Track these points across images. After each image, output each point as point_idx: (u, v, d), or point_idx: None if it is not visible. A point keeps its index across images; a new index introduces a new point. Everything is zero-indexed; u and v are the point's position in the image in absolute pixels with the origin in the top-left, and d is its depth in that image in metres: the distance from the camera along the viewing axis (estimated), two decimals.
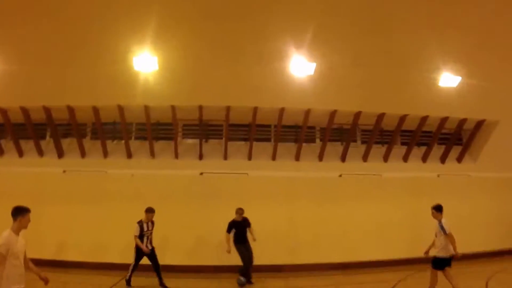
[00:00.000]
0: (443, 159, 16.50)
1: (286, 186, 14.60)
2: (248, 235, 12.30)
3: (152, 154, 14.61)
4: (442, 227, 9.50)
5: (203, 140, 14.83)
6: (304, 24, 11.00)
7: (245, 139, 14.95)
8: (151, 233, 11.47)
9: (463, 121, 15.82)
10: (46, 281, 6.14)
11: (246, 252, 12.04)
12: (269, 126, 14.97)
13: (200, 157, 14.70)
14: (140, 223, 11.35)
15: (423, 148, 16.24)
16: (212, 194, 14.12)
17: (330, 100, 13.77)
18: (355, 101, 13.94)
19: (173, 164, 14.61)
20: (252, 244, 12.27)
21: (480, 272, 13.23)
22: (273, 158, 14.84)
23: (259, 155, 14.88)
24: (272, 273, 13.32)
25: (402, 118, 14.93)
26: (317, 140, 15.57)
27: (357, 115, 14.49)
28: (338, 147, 15.44)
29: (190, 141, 15.14)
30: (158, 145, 14.83)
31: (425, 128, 15.64)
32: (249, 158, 14.75)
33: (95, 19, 10.49)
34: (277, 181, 14.57)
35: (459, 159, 16.80)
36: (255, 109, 13.86)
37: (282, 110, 13.94)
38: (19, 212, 5.76)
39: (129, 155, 14.63)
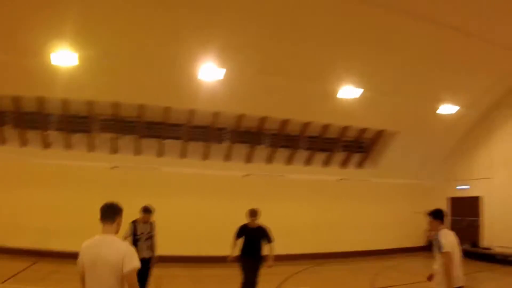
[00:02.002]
0: (344, 165, 17.81)
1: (193, 182, 15.38)
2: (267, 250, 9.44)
3: (68, 145, 15.02)
4: (438, 242, 6.22)
5: (118, 135, 15.36)
6: (217, 31, 11.63)
7: (157, 137, 15.63)
8: (148, 238, 9.24)
9: (363, 130, 17.14)
10: None
11: (249, 272, 9.22)
12: (180, 125, 15.70)
13: (114, 151, 15.29)
14: (134, 223, 9.32)
15: (326, 154, 17.43)
16: (123, 187, 14.73)
17: (238, 104, 14.65)
18: (262, 106, 14.82)
19: (87, 156, 15.06)
20: (165, 236, 10.00)
21: (372, 268, 14.68)
22: (183, 156, 15.59)
23: (170, 152, 15.59)
24: (178, 263, 13.94)
25: (306, 125, 16.03)
26: (226, 141, 16.42)
27: (263, 119, 15.48)
28: (245, 149, 16.36)
29: (105, 135, 15.61)
30: (75, 137, 15.18)
31: (328, 135, 16.83)
32: (160, 154, 15.45)
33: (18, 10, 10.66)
34: (186, 178, 15.37)
35: (360, 165, 18.18)
36: (168, 109, 14.59)
37: (192, 111, 14.74)
38: None
39: (46, 145, 14.99)
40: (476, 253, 16.66)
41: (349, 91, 14.24)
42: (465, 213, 18.07)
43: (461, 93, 16.04)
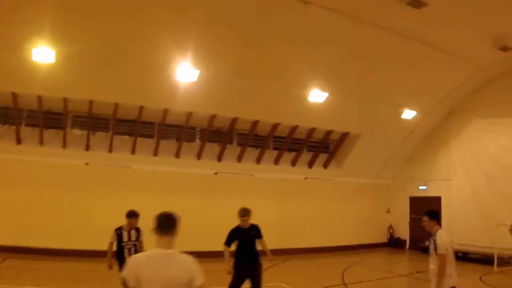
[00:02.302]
0: (310, 164, 18.56)
1: (165, 180, 15.80)
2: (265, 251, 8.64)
3: (41, 141, 15.14)
4: (435, 242, 6.41)
5: (91, 132, 15.64)
6: (192, 33, 12.05)
7: (130, 134, 15.98)
8: (135, 245, 8.46)
9: (329, 132, 17.92)
10: None
11: (252, 281, 8.15)
12: (153, 123, 16.07)
13: (87, 148, 15.56)
14: (119, 230, 8.49)
15: (294, 153, 18.13)
16: (95, 183, 15.03)
17: (211, 105, 15.15)
18: (233, 107, 15.38)
19: (60, 153, 15.19)
20: None
21: (339, 264, 15.41)
22: (155, 153, 16.00)
23: (142, 150, 15.96)
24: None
25: (275, 126, 16.68)
26: (197, 140, 16.91)
27: (234, 120, 16.04)
28: (216, 148, 16.91)
29: (78, 132, 15.79)
30: (48, 133, 15.23)
31: (296, 136, 17.52)
32: (133, 152, 15.83)
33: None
34: (158, 175, 15.80)
35: (325, 165, 18.96)
36: (141, 108, 14.96)
37: (165, 110, 15.16)
38: None
39: (19, 141, 15.09)
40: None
41: (316, 95, 14.88)
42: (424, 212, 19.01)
43: (421, 99, 17.11)
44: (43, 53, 11.57)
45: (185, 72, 12.86)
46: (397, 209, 20.69)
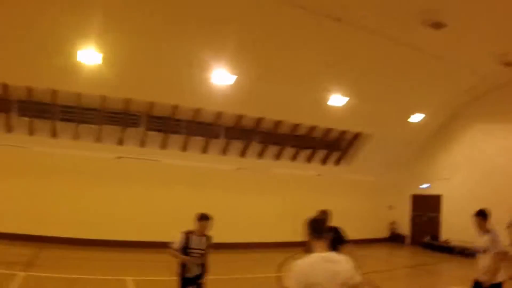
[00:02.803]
0: (324, 162, 19.80)
1: (192, 174, 16.96)
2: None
3: (77, 136, 15.73)
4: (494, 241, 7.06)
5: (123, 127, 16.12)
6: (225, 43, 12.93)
7: (160, 130, 16.66)
8: (202, 255, 7.20)
9: (344, 132, 19.18)
10: None
11: None
12: (182, 121, 16.85)
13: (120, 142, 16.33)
14: (189, 233, 7.19)
15: (309, 151, 19.35)
16: (126, 176, 16.04)
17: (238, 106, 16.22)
18: (259, 108, 16.49)
19: (93, 147, 15.89)
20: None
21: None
22: (184, 149, 17.00)
23: (172, 145, 16.94)
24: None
25: (296, 126, 17.88)
26: (222, 137, 17.79)
27: (259, 120, 17.13)
28: (239, 144, 17.99)
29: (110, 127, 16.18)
30: (82, 128, 15.75)
31: (312, 135, 18.73)
32: (163, 147, 16.78)
33: None
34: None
35: (337, 163, 20.22)
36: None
37: (198, 110, 16.12)
38: None
39: (54, 134, 15.47)
40: (436, 245, 19.35)
41: (337, 99, 16.26)
42: (426, 209, 20.60)
43: (428, 103, 18.60)
44: (89, 55, 12.53)
45: (222, 76, 14.11)
46: (400, 206, 22.14)
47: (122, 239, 15.27)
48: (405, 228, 22.00)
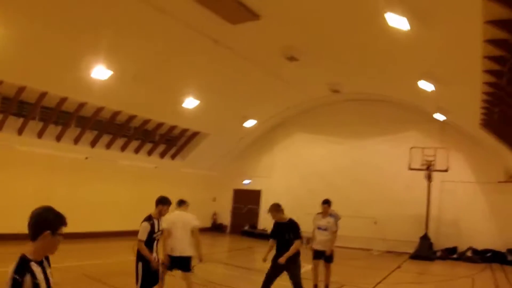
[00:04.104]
0: (162, 155, 21.22)
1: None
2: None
3: None
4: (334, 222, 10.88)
5: None
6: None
7: None
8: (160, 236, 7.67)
9: (185, 130, 20.86)
10: None
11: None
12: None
13: None
14: (150, 220, 7.34)
15: (150, 145, 20.53)
16: None
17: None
18: (118, 101, 17.03)
19: None
20: None
21: None
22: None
23: None
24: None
25: (146, 121, 18.95)
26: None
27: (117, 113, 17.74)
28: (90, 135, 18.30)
29: None
30: None
31: (159, 131, 20.02)
32: None
33: None
34: None
35: (173, 157, 21.81)
36: None
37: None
38: None
39: None
40: (255, 233, 22.52)
41: (190, 102, 17.99)
42: (246, 202, 23.59)
43: (260, 113, 21.56)
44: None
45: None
46: (223, 199, 24.76)
47: None
48: (226, 218, 24.72)
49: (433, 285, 13.41)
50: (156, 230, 7.40)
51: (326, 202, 11.12)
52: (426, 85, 14.10)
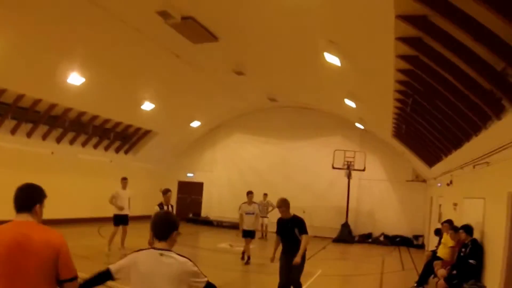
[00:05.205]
0: (117, 151, 23.44)
1: None
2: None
3: None
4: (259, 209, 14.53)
5: None
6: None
7: None
8: None
9: (139, 129, 23.19)
10: None
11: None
12: None
13: None
14: (161, 206, 11.21)
15: (107, 141, 22.68)
16: None
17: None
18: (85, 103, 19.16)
19: None
20: None
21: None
22: None
23: None
24: None
25: (106, 121, 21.12)
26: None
27: (82, 113, 19.79)
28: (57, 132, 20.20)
29: None
30: None
31: (116, 129, 22.23)
32: None
33: None
34: None
35: (126, 152, 24.06)
36: None
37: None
38: None
39: None
40: (198, 220, 25.69)
41: (147, 105, 20.48)
42: (190, 193, 26.41)
43: (205, 115, 24.65)
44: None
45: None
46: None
47: None
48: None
49: (352, 261, 16.80)
50: None
51: (251, 193, 14.47)
52: (350, 103, 17.46)
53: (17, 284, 3.25)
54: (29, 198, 3.66)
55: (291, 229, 8.38)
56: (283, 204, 8.55)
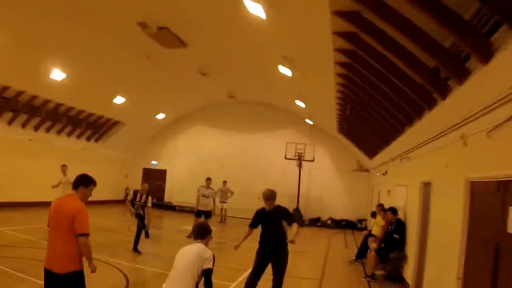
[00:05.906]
0: (88, 139, 25.28)
1: None
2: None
3: None
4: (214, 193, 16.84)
5: None
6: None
7: None
8: (142, 207, 12.77)
9: (109, 120, 25.11)
10: None
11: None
12: None
13: None
14: (136, 192, 12.96)
15: (80, 130, 24.48)
16: None
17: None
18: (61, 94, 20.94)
19: None
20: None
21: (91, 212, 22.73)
22: None
23: None
24: None
25: (80, 111, 22.96)
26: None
27: (60, 104, 21.55)
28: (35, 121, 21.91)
29: None
30: None
31: (88, 119, 24.08)
32: None
33: None
34: None
35: (96, 140, 25.94)
36: None
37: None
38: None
39: None
40: (162, 205, 27.83)
41: (118, 99, 22.44)
42: (154, 179, 28.37)
43: (168, 108, 27.04)
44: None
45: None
46: (134, 176, 29.39)
47: None
48: None
49: (302, 241, 19.33)
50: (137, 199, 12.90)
51: (209, 179, 16.90)
52: (300, 103, 20.12)
53: (58, 231, 5.33)
54: (77, 180, 5.63)
55: (277, 220, 8.04)
56: (273, 196, 8.06)
